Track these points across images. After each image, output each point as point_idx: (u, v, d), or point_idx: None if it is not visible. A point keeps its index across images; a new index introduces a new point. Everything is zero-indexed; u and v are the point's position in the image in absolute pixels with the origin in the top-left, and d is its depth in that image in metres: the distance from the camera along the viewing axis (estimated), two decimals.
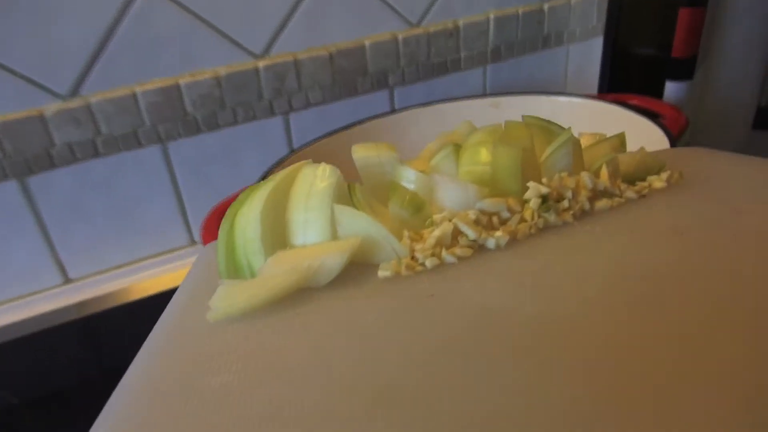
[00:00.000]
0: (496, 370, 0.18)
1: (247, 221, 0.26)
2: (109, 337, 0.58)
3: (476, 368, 0.18)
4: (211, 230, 0.42)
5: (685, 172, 0.31)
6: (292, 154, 0.54)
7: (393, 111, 0.59)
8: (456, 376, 0.18)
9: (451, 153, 0.32)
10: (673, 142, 0.46)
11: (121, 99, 0.55)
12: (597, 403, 0.17)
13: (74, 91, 0.54)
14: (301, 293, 0.24)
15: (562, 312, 0.21)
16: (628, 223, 0.27)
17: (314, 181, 0.28)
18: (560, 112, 0.59)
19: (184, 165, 0.61)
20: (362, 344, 0.20)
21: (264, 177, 0.50)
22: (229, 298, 0.23)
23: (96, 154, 0.57)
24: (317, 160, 0.57)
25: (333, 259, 0.24)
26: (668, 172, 0.31)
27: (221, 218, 0.45)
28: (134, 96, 0.56)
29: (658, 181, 0.30)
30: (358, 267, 0.25)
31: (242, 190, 0.50)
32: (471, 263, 0.25)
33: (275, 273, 0.24)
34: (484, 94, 0.63)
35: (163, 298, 0.60)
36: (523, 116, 0.36)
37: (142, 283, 0.61)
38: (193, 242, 0.65)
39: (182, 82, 0.57)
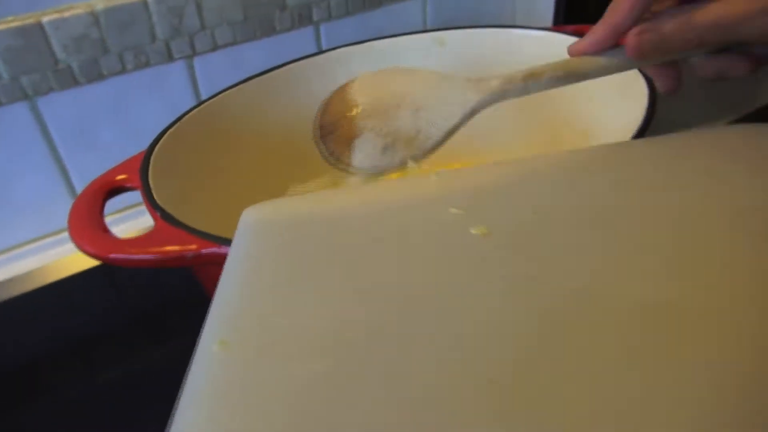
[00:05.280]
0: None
1: None
2: None
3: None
4: (81, 220, 0.32)
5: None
6: (200, 105, 0.43)
7: (321, 51, 0.49)
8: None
9: None
10: (653, 89, 0.39)
11: None
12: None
13: None
14: None
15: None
16: None
17: None
18: (514, 48, 0.50)
19: (62, 126, 0.49)
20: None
21: (163, 134, 0.40)
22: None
23: None
24: (232, 112, 0.47)
25: None
26: None
27: (92, 204, 0.35)
28: None
29: None
30: None
31: (136, 157, 0.39)
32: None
33: None
34: (425, 30, 0.54)
35: (52, 291, 0.49)
36: None
37: (23, 275, 0.50)
38: None
39: (46, 20, 0.45)
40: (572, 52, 0.33)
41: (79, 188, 0.52)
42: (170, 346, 0.44)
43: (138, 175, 0.36)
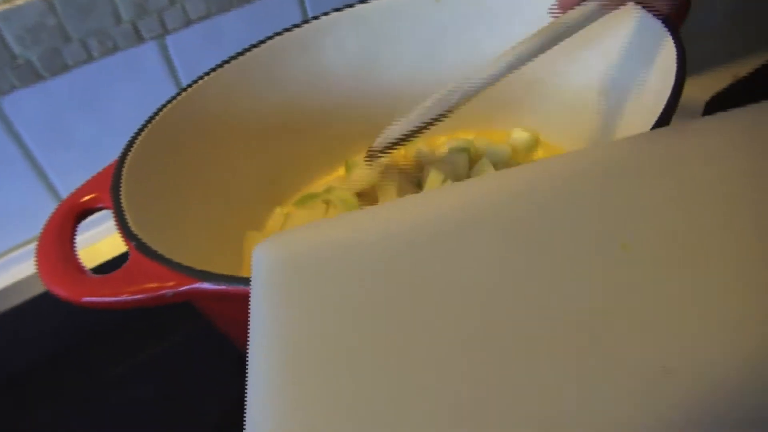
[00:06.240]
0: None
1: None
2: None
3: None
4: (49, 257, 0.29)
5: None
6: (171, 102, 0.39)
7: (303, 22, 0.44)
8: None
9: None
10: (677, 36, 0.34)
11: None
12: None
13: None
14: None
15: None
16: None
17: None
18: (521, 3, 0.45)
19: (32, 126, 0.45)
20: None
21: (133, 142, 0.36)
22: None
23: None
24: (208, 106, 0.43)
25: None
26: None
27: (60, 235, 0.32)
28: None
29: None
30: None
31: (106, 170, 0.35)
32: None
33: None
34: None
35: (37, 304, 0.47)
36: None
37: (13, 285, 0.48)
38: None
39: None
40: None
41: (61, 188, 0.49)
42: (174, 338, 0.43)
43: (109, 192, 0.32)
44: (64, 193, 0.49)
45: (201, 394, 0.39)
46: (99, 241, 0.49)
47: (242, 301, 0.28)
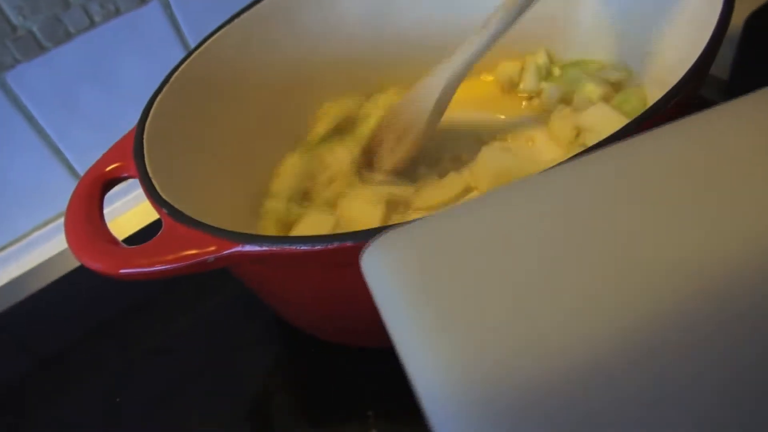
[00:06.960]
0: None
1: None
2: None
3: None
4: (80, 231, 0.27)
5: None
6: (185, 62, 0.37)
7: None
8: None
9: None
10: None
11: None
12: None
13: None
14: None
15: None
16: None
17: None
18: None
19: (39, 99, 0.44)
20: None
21: (151, 105, 0.34)
22: None
23: None
24: (229, 52, 0.41)
25: None
26: None
27: (88, 207, 0.30)
28: None
29: None
30: None
31: (127, 137, 0.33)
32: None
33: None
34: None
35: (68, 282, 0.46)
36: None
37: (35, 269, 0.47)
38: None
39: None
40: None
41: (76, 163, 0.47)
42: (208, 306, 0.42)
43: (133, 160, 0.31)
44: (79, 167, 0.48)
45: (240, 358, 0.38)
46: (121, 215, 0.48)
47: (283, 262, 0.27)
